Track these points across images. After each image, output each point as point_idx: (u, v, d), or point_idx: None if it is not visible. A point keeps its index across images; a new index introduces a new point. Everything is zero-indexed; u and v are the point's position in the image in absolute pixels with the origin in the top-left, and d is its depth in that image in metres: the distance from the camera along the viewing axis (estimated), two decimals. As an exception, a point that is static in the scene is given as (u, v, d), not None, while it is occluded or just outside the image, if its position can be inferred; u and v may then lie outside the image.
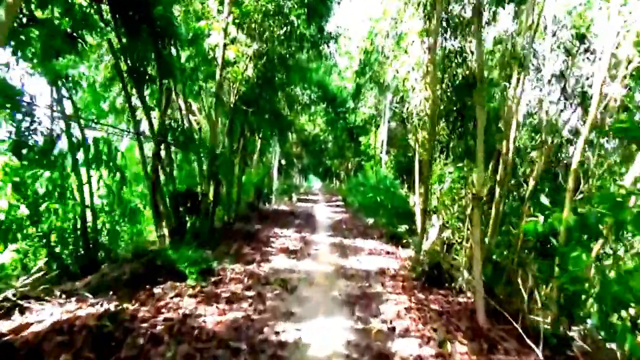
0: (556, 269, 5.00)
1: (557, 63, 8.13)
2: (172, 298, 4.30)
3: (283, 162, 26.56)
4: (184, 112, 10.13)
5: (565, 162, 8.57)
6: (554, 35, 6.37)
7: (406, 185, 16.05)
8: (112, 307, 3.96)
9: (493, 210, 5.61)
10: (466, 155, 8.78)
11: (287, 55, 11.54)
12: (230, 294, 4.64)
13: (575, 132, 7.90)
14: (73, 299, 4.19)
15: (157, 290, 4.59)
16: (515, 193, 8.43)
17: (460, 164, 7.54)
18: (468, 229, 7.75)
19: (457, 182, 7.23)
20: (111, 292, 4.37)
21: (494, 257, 6.09)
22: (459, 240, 8.21)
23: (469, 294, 5.52)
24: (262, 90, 11.50)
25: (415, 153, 9.32)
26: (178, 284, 4.84)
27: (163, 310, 3.96)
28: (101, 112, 12.54)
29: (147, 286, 4.70)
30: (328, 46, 12.53)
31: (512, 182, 7.92)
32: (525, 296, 4.50)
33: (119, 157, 6.09)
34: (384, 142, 17.63)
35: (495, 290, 5.52)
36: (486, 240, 6.30)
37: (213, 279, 5.20)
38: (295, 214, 15.67)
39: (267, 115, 13.19)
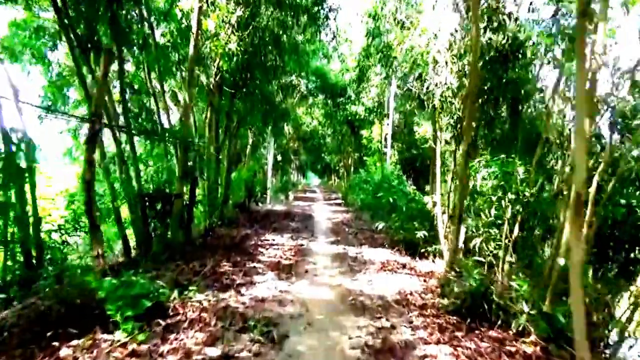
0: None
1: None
2: (79, 372, 2.61)
3: (279, 158, 24.85)
4: (159, 98, 8.46)
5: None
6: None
7: (410, 182, 14.40)
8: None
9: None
10: (499, 146, 7.13)
11: (280, 31, 9.83)
12: (182, 356, 2.96)
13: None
14: None
15: (65, 351, 2.90)
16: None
17: (497, 156, 5.88)
18: (507, 238, 6.12)
19: (501, 178, 5.57)
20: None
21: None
22: (494, 251, 6.58)
23: (532, 337, 3.88)
24: (251, 71, 9.79)
25: (436, 143, 7.64)
26: (105, 337, 3.15)
27: (51, 404, 2.28)
28: (63, 99, 10.81)
29: (55, 343, 3.02)
30: (327, 21, 10.81)
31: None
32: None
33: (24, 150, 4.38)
34: (388, 135, 15.95)
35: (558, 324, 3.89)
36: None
37: (163, 323, 3.50)
38: (291, 215, 14.00)
39: (259, 104, 11.48)
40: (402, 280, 5.80)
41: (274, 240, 8.55)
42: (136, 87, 9.52)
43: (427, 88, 7.02)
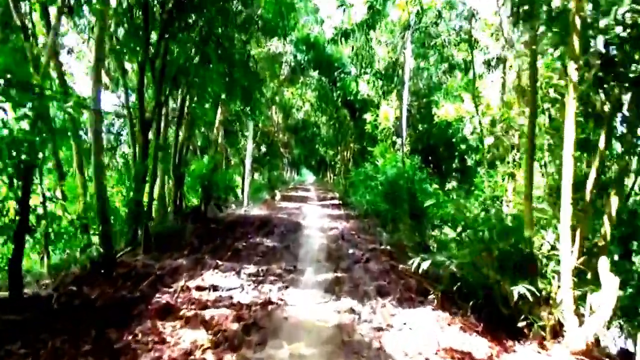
0: None
1: None
2: None
3: (264, 149, 20.68)
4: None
5: None
6: None
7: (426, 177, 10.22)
8: None
9: None
10: None
11: None
12: None
13: None
14: None
15: None
16: None
17: None
18: None
19: None
20: None
21: None
22: None
23: None
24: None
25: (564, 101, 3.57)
26: None
27: None
28: None
29: None
30: None
31: None
32: None
33: None
34: (403, 116, 11.78)
35: None
36: None
37: None
38: (270, 224, 9.84)
39: (213, 54, 7.36)
40: None
41: (217, 286, 4.45)
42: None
43: None
